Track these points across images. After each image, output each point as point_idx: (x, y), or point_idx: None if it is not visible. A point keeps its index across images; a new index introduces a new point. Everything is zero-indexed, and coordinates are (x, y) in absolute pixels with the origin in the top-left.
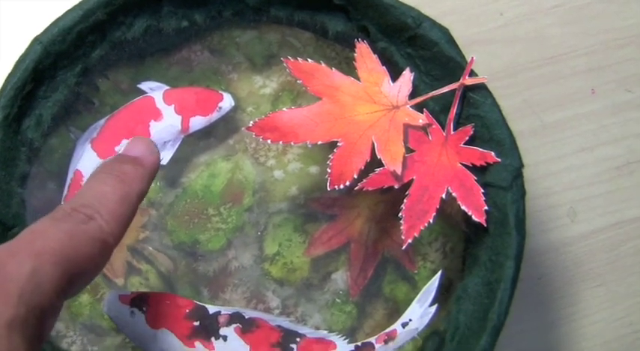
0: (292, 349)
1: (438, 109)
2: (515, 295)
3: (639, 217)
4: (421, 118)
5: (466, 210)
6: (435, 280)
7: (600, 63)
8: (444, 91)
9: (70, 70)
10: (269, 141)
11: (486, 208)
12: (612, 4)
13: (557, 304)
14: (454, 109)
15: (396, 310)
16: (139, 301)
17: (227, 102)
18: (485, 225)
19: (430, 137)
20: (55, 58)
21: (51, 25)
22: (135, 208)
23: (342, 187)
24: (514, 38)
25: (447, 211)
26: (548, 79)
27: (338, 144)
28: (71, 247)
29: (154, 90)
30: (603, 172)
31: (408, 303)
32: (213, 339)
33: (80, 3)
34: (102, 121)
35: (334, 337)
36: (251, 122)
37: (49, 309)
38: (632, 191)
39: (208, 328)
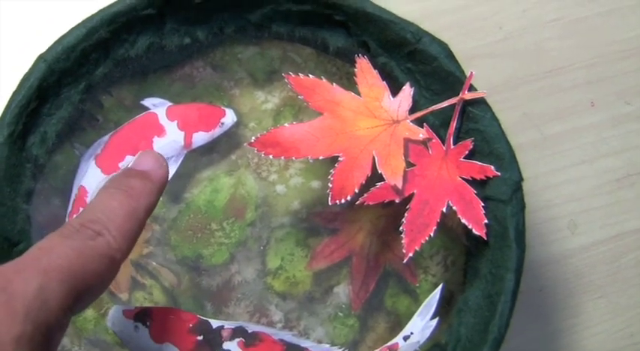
0: None
1: (438, 124)
2: (516, 307)
3: (639, 229)
4: (421, 133)
5: (466, 223)
6: (436, 294)
7: (599, 75)
8: (444, 105)
9: (74, 87)
10: (271, 156)
11: (486, 221)
12: (611, 17)
13: (559, 316)
14: (454, 124)
15: (397, 323)
16: (142, 315)
17: (229, 118)
18: (485, 238)
19: (430, 151)
20: (60, 76)
21: (55, 43)
22: (143, 223)
23: (343, 201)
24: (514, 52)
25: (448, 224)
26: (548, 92)
27: (339, 159)
28: (78, 263)
29: (157, 106)
30: (603, 184)
31: (409, 316)
32: None
33: (84, 21)
34: (106, 138)
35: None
36: (253, 138)
37: (55, 326)
38: (632, 203)
39: (212, 343)
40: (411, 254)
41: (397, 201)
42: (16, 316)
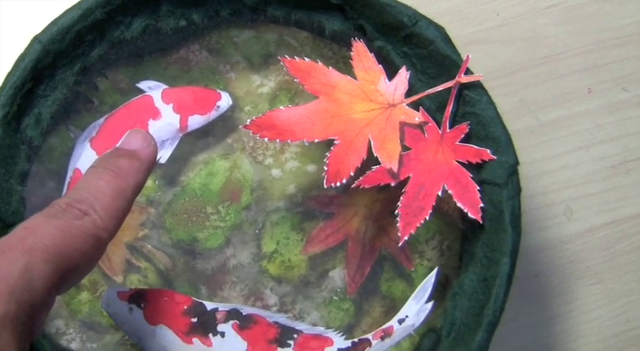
0: (289, 345)
1: (434, 107)
2: (512, 293)
3: (635, 215)
4: (417, 116)
5: (462, 207)
6: (431, 278)
7: (596, 62)
8: (440, 89)
9: (69, 69)
10: (266, 139)
11: (482, 205)
12: (607, 3)
13: (554, 302)
14: (450, 107)
15: (393, 307)
16: (137, 297)
17: (225, 101)
18: (481, 222)
19: (426, 135)
20: (55, 57)
21: (50, 24)
22: (130, 202)
23: (338, 184)
24: (510, 38)
25: (444, 209)
26: (545, 78)
27: (335, 142)
28: (64, 243)
29: (153, 89)
30: (599, 170)
31: (405, 300)
32: (210, 335)
33: (79, 3)
34: (101, 120)
35: (331, 334)
36: (248, 120)
37: (40, 305)
38: (628, 189)
39: (206, 325)
40: (406, 238)
41: (393, 184)
42: (0, 297)
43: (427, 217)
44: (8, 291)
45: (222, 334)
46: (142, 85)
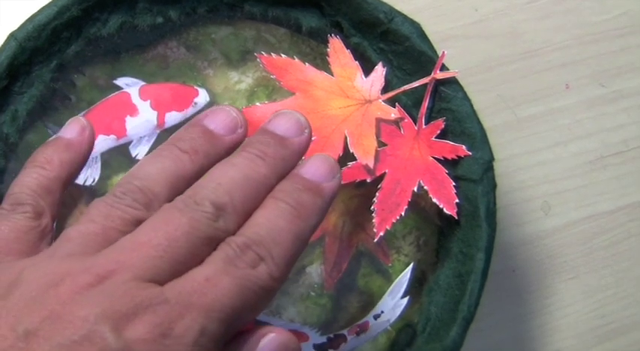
0: None
1: (411, 104)
2: (489, 288)
3: (612, 211)
4: (393, 112)
5: (438, 203)
6: (406, 273)
7: (574, 58)
8: (416, 85)
9: (46, 65)
10: None
11: (457, 201)
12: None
13: (531, 297)
14: (426, 103)
15: (370, 302)
16: None
17: (202, 97)
18: (456, 217)
19: (402, 131)
20: (31, 54)
21: (26, 21)
22: (304, 247)
23: None
24: (489, 34)
25: (421, 205)
26: (523, 73)
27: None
28: (239, 300)
29: (130, 86)
30: (577, 166)
31: (382, 296)
32: None
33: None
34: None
35: (307, 329)
36: None
37: None
38: (605, 185)
39: None
40: (382, 234)
41: (369, 180)
42: None
43: (403, 213)
44: None
45: None
46: (120, 81)
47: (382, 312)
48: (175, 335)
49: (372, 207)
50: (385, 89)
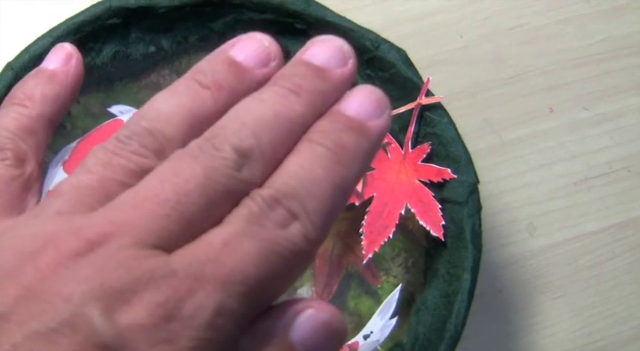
0: None
1: (397, 129)
2: (476, 308)
3: (597, 231)
4: None
5: (424, 225)
6: (394, 294)
7: (558, 82)
8: (402, 110)
9: None
10: None
11: (444, 222)
12: (569, 25)
13: (518, 316)
14: (412, 128)
15: (360, 323)
16: None
17: None
18: (442, 239)
19: (389, 155)
20: None
21: (22, 51)
22: (347, 200)
23: None
24: (474, 59)
25: (409, 227)
26: (508, 98)
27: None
28: (267, 269)
29: (124, 113)
30: (561, 187)
31: (371, 316)
32: None
33: (50, 30)
34: (73, 144)
35: None
36: None
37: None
38: (589, 206)
39: None
40: (370, 255)
41: (357, 204)
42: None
43: (391, 236)
44: (189, 339)
45: None
46: (114, 109)
47: (371, 332)
48: (183, 317)
49: (361, 229)
50: None
